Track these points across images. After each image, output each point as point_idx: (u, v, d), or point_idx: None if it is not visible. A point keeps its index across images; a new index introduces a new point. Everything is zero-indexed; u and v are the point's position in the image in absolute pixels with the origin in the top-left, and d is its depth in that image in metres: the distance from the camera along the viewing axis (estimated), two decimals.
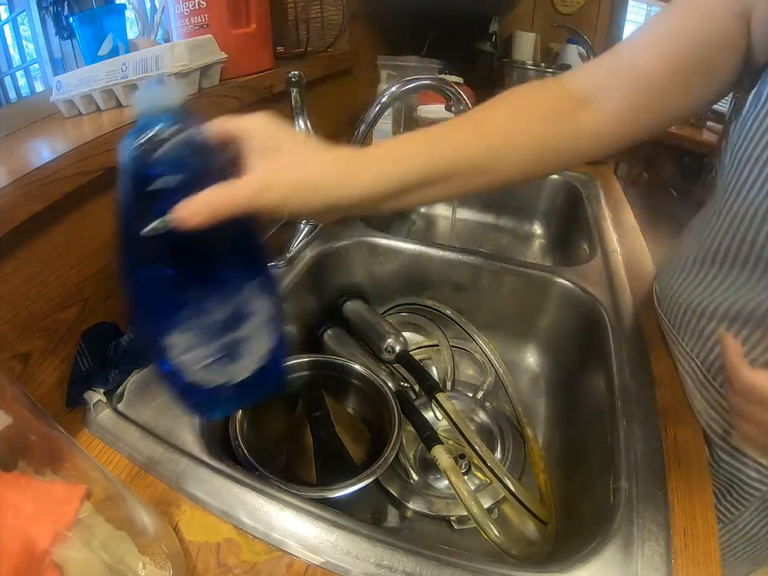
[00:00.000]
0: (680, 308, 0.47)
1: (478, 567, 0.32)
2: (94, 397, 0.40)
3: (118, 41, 0.62)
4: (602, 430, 0.45)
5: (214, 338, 0.29)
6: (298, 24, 0.87)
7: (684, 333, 0.47)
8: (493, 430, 0.55)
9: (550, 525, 0.45)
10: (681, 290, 0.47)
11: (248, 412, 0.45)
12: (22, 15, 0.66)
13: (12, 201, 0.33)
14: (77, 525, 0.23)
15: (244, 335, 0.30)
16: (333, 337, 0.61)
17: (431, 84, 0.66)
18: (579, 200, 0.90)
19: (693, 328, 0.45)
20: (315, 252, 0.64)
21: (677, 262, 0.49)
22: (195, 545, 0.32)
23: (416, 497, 0.48)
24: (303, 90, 0.61)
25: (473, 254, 0.66)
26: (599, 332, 0.54)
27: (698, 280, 0.45)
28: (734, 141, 0.39)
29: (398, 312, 0.71)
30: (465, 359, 0.67)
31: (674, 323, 0.49)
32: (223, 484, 0.35)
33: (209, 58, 0.56)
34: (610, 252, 0.68)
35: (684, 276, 0.47)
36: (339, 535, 0.33)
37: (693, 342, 0.46)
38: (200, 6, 0.59)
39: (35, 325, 0.39)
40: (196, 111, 0.29)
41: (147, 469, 0.37)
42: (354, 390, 0.53)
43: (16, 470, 0.22)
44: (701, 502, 0.37)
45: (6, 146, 0.47)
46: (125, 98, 0.54)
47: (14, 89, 0.68)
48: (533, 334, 0.67)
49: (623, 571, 0.32)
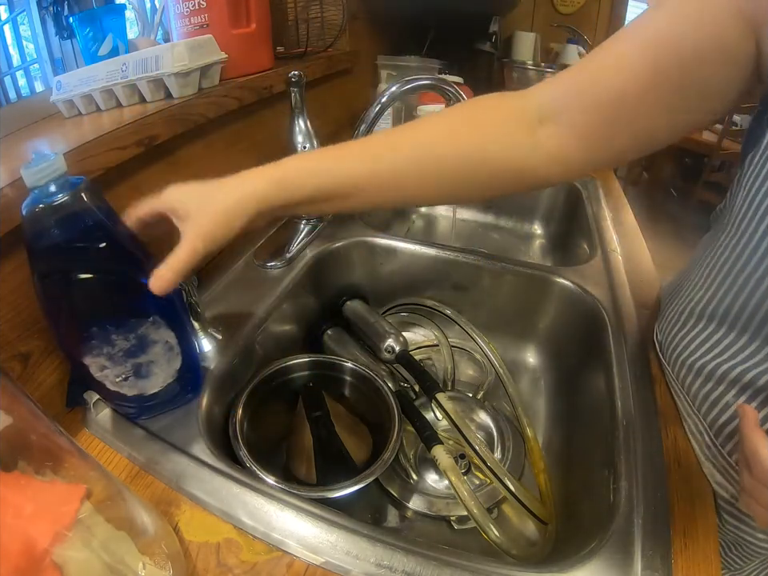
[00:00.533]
0: (683, 365, 0.43)
1: (477, 567, 0.32)
2: (94, 397, 0.40)
3: (118, 41, 0.62)
4: (602, 430, 0.45)
5: (121, 362, 0.36)
6: (298, 24, 0.87)
7: (689, 391, 0.42)
8: (493, 430, 0.55)
9: (549, 525, 0.45)
10: (685, 344, 0.42)
11: (248, 412, 0.45)
12: (22, 15, 0.66)
13: (12, 201, 0.33)
14: (77, 525, 0.23)
15: (148, 359, 0.37)
16: (333, 337, 0.61)
17: (431, 84, 0.66)
18: (579, 200, 0.89)
19: (697, 389, 0.41)
20: (315, 252, 0.64)
21: (680, 309, 0.44)
22: (195, 545, 0.32)
23: (416, 497, 0.48)
24: (303, 89, 0.61)
25: (473, 254, 0.66)
26: (599, 332, 0.54)
27: (704, 336, 0.40)
28: (750, 179, 0.33)
29: (398, 312, 0.71)
30: (465, 359, 0.67)
31: (679, 379, 0.44)
32: (223, 484, 0.35)
33: (209, 58, 0.56)
34: (609, 252, 0.68)
35: (688, 329, 0.42)
36: (339, 535, 0.33)
37: (699, 403, 0.41)
38: (200, 5, 0.59)
39: (35, 325, 0.39)
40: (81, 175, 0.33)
41: (147, 469, 0.37)
42: (354, 390, 0.53)
43: (16, 470, 0.22)
44: (701, 502, 0.37)
45: (6, 145, 0.47)
46: (125, 98, 0.54)
47: (14, 89, 0.68)
48: (533, 333, 0.67)
49: (623, 571, 0.32)
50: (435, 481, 0.51)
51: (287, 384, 0.51)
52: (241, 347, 0.48)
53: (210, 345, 0.47)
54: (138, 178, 0.49)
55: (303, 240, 0.65)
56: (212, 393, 0.44)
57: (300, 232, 0.67)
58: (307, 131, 0.63)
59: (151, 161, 0.50)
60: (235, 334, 0.49)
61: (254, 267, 0.60)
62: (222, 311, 0.52)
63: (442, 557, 0.32)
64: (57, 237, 0.31)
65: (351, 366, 0.53)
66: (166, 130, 0.50)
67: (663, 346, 0.47)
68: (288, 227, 0.68)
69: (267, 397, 0.49)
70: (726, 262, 0.37)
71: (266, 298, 0.55)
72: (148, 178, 0.50)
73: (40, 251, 0.31)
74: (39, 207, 0.30)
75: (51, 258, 0.32)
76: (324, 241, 0.66)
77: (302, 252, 0.63)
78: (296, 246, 0.64)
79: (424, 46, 1.18)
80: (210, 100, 0.56)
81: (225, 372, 0.46)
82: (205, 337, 0.47)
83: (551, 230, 1.00)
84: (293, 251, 0.63)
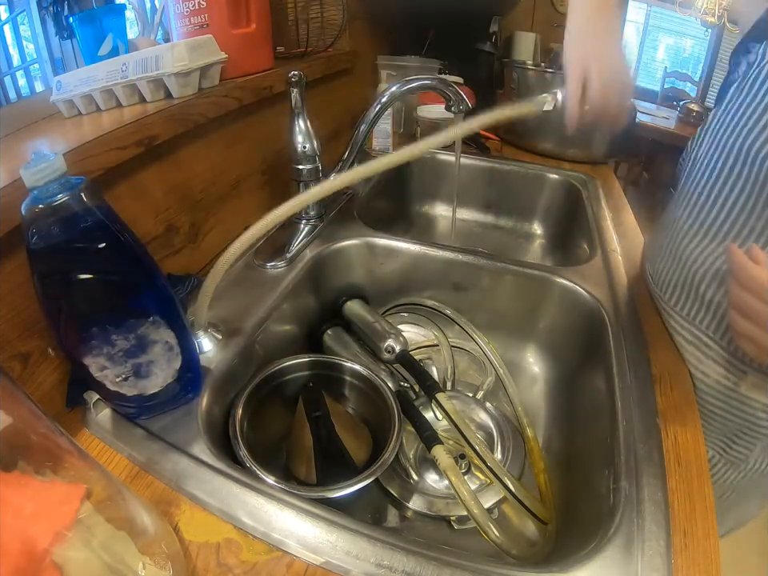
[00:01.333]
0: (676, 277, 0.52)
1: (477, 567, 0.32)
2: (94, 397, 0.40)
3: (118, 41, 0.62)
4: (601, 430, 0.45)
5: (121, 362, 0.36)
6: (298, 24, 0.87)
7: (685, 303, 0.51)
8: (493, 430, 0.55)
9: (550, 525, 0.45)
10: (674, 260, 0.52)
11: (248, 412, 0.45)
12: (22, 15, 0.66)
13: (12, 201, 0.33)
14: (77, 525, 0.23)
15: (148, 359, 0.37)
16: (333, 337, 0.61)
17: (431, 84, 0.66)
18: (579, 200, 0.90)
19: (689, 293, 0.50)
20: (315, 252, 0.64)
21: (665, 235, 0.54)
22: (195, 545, 0.32)
23: (416, 497, 0.48)
24: (303, 89, 0.61)
25: (473, 254, 0.66)
26: (599, 332, 0.54)
27: (690, 247, 0.49)
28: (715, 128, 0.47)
29: (398, 312, 0.71)
30: (465, 359, 0.67)
31: (672, 296, 0.53)
32: (223, 484, 0.35)
33: (209, 58, 0.56)
34: (609, 252, 0.68)
35: (675, 246, 0.52)
36: (339, 535, 0.33)
37: (695, 310, 0.50)
38: (200, 5, 0.59)
39: (35, 325, 0.39)
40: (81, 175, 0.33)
41: (147, 469, 0.37)
42: (354, 390, 0.53)
43: (16, 470, 0.22)
44: (701, 502, 0.37)
45: (6, 145, 0.47)
46: (125, 98, 0.54)
47: (14, 89, 0.68)
48: (533, 334, 0.67)
49: (623, 571, 0.32)
50: (435, 481, 0.51)
51: (287, 384, 0.51)
52: (241, 347, 0.48)
53: (210, 345, 0.47)
54: (138, 178, 0.49)
55: (303, 240, 0.65)
56: (212, 393, 0.44)
57: (300, 232, 0.67)
58: (307, 131, 0.63)
59: (151, 161, 0.50)
60: (235, 334, 0.49)
61: (254, 267, 0.60)
62: (222, 311, 0.52)
63: (442, 557, 0.32)
64: (57, 237, 0.31)
65: (351, 365, 0.53)
66: (166, 130, 0.50)
67: (654, 274, 0.57)
68: (288, 227, 0.68)
69: (267, 397, 0.49)
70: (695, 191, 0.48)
71: (266, 298, 0.55)
72: (148, 178, 0.50)
73: (40, 251, 0.31)
74: (39, 207, 0.30)
75: (51, 257, 0.32)
76: (324, 241, 0.66)
77: (302, 252, 0.63)
78: (296, 246, 0.64)
79: (424, 46, 1.18)
80: (210, 100, 0.56)
81: (225, 372, 0.46)
82: (205, 337, 0.47)
83: (551, 230, 1.00)
84: (293, 251, 0.63)
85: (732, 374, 0.48)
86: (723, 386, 0.48)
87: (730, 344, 0.47)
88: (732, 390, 0.48)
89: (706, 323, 0.49)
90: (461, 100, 0.65)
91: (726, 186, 0.45)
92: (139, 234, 0.36)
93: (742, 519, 0.61)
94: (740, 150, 0.43)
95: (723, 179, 0.45)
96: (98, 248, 0.32)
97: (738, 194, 0.44)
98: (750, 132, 0.42)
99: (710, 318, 0.48)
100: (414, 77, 0.67)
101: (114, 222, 0.34)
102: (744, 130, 0.42)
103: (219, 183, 0.63)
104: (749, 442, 0.50)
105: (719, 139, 0.46)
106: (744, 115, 0.43)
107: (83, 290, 0.33)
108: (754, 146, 0.42)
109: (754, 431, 0.49)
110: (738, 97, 0.44)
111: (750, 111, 0.42)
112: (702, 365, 0.49)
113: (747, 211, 0.43)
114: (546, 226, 1.01)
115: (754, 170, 0.42)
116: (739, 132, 0.43)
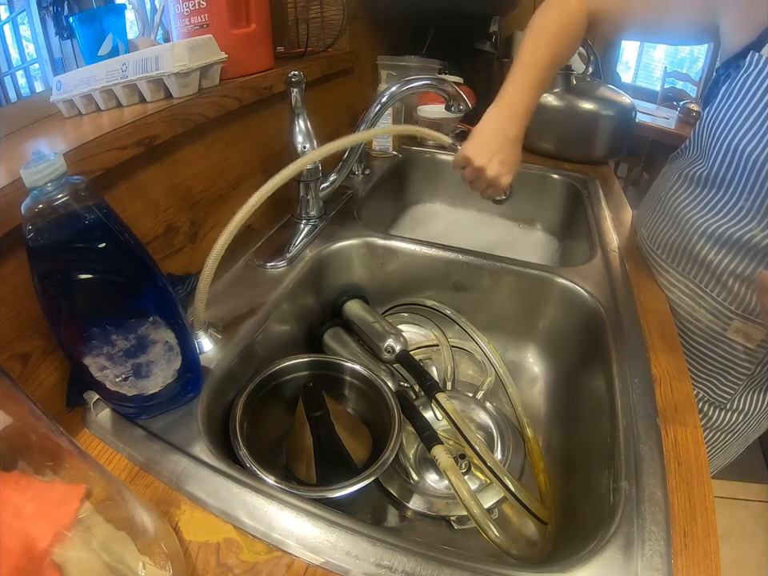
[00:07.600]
0: (673, 239, 0.60)
1: (477, 567, 0.32)
2: (94, 397, 0.40)
3: (117, 41, 0.62)
4: (601, 430, 0.45)
5: (121, 362, 0.36)
6: (298, 24, 0.87)
7: (680, 260, 0.60)
8: (493, 430, 0.55)
9: (549, 525, 0.45)
10: (671, 225, 0.61)
11: (248, 412, 0.45)
12: (22, 15, 0.66)
13: (12, 201, 0.33)
14: (77, 525, 0.23)
15: (148, 359, 0.37)
16: (333, 337, 0.61)
17: (431, 84, 0.66)
18: (579, 200, 0.90)
19: (684, 252, 0.59)
20: (315, 252, 0.64)
21: (662, 203, 0.63)
22: (195, 545, 0.32)
23: (416, 497, 0.48)
24: (303, 89, 0.61)
25: (473, 254, 0.66)
26: (599, 332, 0.54)
27: (687, 215, 0.58)
28: (711, 121, 0.53)
29: (398, 312, 0.71)
30: (465, 359, 0.67)
31: (669, 255, 0.61)
32: (223, 484, 0.35)
33: (209, 58, 0.56)
34: (609, 252, 0.68)
35: (672, 213, 0.60)
36: (339, 535, 0.33)
37: (690, 266, 0.59)
38: (200, 5, 0.59)
39: (35, 325, 0.39)
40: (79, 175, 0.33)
41: (147, 469, 0.37)
42: (354, 390, 0.53)
43: (16, 469, 0.22)
44: (701, 502, 0.37)
45: (6, 145, 0.47)
46: (125, 98, 0.54)
47: (14, 89, 0.68)
48: (533, 334, 0.67)
49: (623, 571, 0.32)
50: (435, 481, 0.51)
51: (287, 384, 0.51)
52: (241, 347, 0.48)
53: (210, 345, 0.47)
54: (138, 178, 0.49)
55: (303, 240, 0.65)
56: (212, 393, 0.44)
57: (300, 232, 0.67)
58: (307, 131, 0.63)
59: (151, 161, 0.50)
60: (235, 334, 0.49)
61: (254, 267, 0.60)
62: (222, 311, 0.52)
63: (442, 557, 0.32)
64: (57, 237, 0.31)
65: (351, 365, 0.53)
66: (166, 130, 0.50)
67: (648, 236, 0.66)
68: (288, 227, 0.68)
69: (267, 397, 0.49)
70: (691, 170, 0.58)
71: (266, 298, 0.55)
72: (148, 178, 0.50)
73: (40, 251, 0.31)
74: (39, 207, 0.30)
75: (51, 257, 0.32)
76: (324, 241, 0.66)
77: (302, 252, 0.63)
78: (296, 246, 0.64)
79: (424, 46, 1.18)
80: (210, 100, 0.56)
81: (225, 372, 0.46)
82: (205, 337, 0.47)
83: (551, 230, 1.00)
84: (293, 251, 0.63)
85: (720, 321, 0.57)
86: (713, 330, 0.58)
87: (719, 295, 0.56)
88: (719, 334, 0.57)
89: (699, 277, 0.58)
90: (461, 100, 0.65)
91: (720, 173, 0.53)
92: (139, 234, 0.36)
93: (725, 459, 0.70)
94: (729, 146, 0.51)
95: (716, 168, 0.53)
96: (97, 248, 0.32)
97: (729, 179, 0.52)
98: (739, 131, 0.49)
99: (703, 273, 0.57)
100: (414, 77, 0.67)
101: (113, 222, 0.34)
102: (734, 128, 0.50)
103: (219, 183, 0.62)
104: (732, 382, 0.59)
105: (712, 135, 0.53)
106: (734, 115, 0.50)
107: (83, 290, 0.33)
108: (747, 145, 0.48)
109: (737, 371, 0.58)
110: (727, 100, 0.51)
111: (739, 113, 0.50)
112: (695, 312, 0.59)
113: (738, 193, 0.51)
114: (546, 226, 1.01)
115: (747, 167, 0.49)
116: (729, 130, 0.51)
